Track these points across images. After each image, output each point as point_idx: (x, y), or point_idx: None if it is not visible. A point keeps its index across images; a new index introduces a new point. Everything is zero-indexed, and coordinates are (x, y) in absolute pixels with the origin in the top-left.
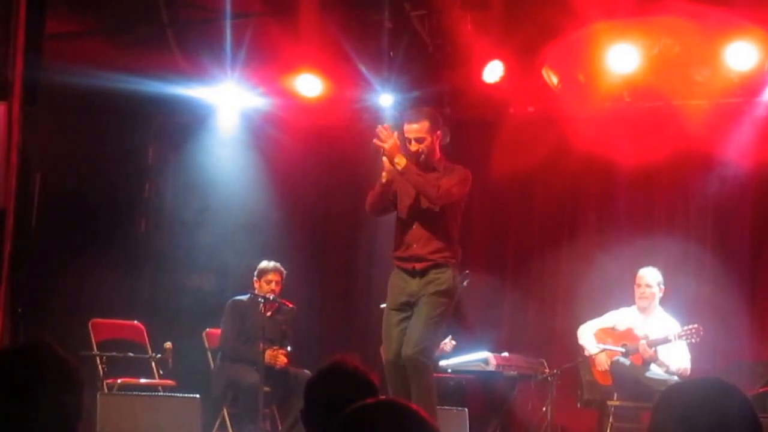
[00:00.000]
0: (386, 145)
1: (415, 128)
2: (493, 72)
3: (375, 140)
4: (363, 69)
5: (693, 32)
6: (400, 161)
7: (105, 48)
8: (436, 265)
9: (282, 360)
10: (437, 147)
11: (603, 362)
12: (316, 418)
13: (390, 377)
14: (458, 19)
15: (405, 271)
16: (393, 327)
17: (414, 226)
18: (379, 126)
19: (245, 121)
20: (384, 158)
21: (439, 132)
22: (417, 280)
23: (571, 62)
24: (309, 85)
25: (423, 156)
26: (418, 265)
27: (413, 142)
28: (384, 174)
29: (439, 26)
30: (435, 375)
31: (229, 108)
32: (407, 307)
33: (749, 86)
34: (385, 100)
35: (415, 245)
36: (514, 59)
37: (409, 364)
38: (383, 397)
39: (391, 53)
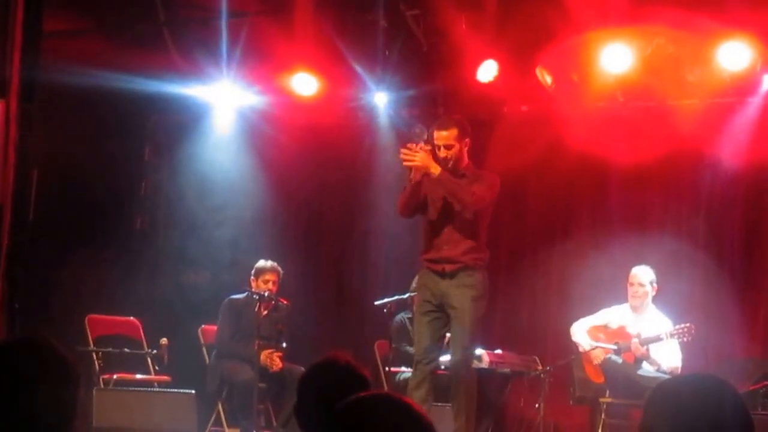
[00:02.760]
0: (417, 161)
1: (445, 135)
2: (487, 71)
3: (404, 162)
4: (358, 68)
5: (686, 33)
6: (435, 169)
7: (102, 46)
8: (467, 267)
9: (277, 363)
10: (465, 154)
11: (599, 356)
12: (309, 413)
13: (418, 374)
14: (453, 19)
15: (435, 272)
16: (423, 327)
17: (445, 230)
18: (405, 146)
19: (241, 119)
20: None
21: (467, 140)
22: (447, 281)
23: (565, 62)
24: (304, 83)
25: (451, 162)
26: (449, 267)
27: (442, 148)
28: (413, 174)
29: (433, 26)
30: None
31: (225, 106)
32: (437, 307)
33: (741, 86)
34: (380, 98)
35: (445, 248)
36: (508, 59)
37: (459, 366)
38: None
39: (386, 52)
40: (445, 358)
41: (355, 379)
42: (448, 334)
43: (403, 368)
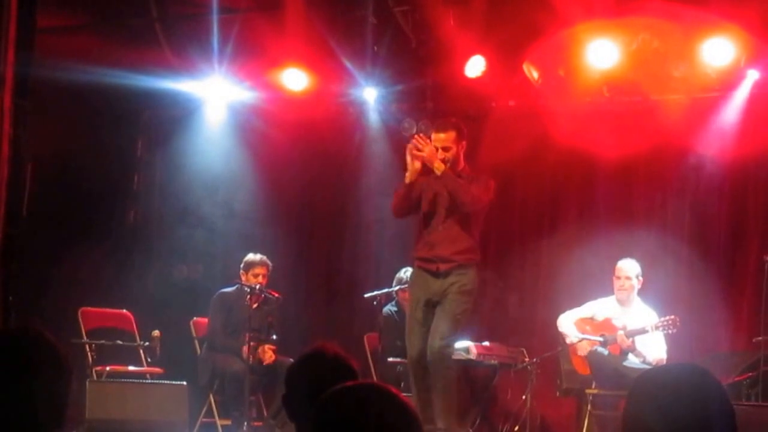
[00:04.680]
0: (425, 153)
1: (443, 137)
2: (475, 67)
3: (412, 150)
4: (347, 63)
5: (671, 28)
6: (439, 166)
7: (95, 42)
8: (460, 266)
9: (270, 356)
10: (461, 156)
11: (585, 348)
12: (297, 402)
13: (413, 373)
14: (441, 15)
15: (428, 271)
16: (416, 326)
17: (440, 229)
18: (416, 135)
19: (232, 114)
20: (408, 159)
21: (464, 142)
22: (440, 280)
23: (552, 58)
24: (295, 79)
25: (448, 164)
26: (443, 266)
27: (440, 150)
28: (407, 175)
29: (422, 22)
30: None
31: (216, 102)
32: (430, 307)
33: (725, 81)
34: (369, 93)
35: (439, 246)
36: (496, 54)
37: (435, 356)
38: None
39: (375, 48)
40: None
41: (342, 370)
42: None
43: (399, 359)
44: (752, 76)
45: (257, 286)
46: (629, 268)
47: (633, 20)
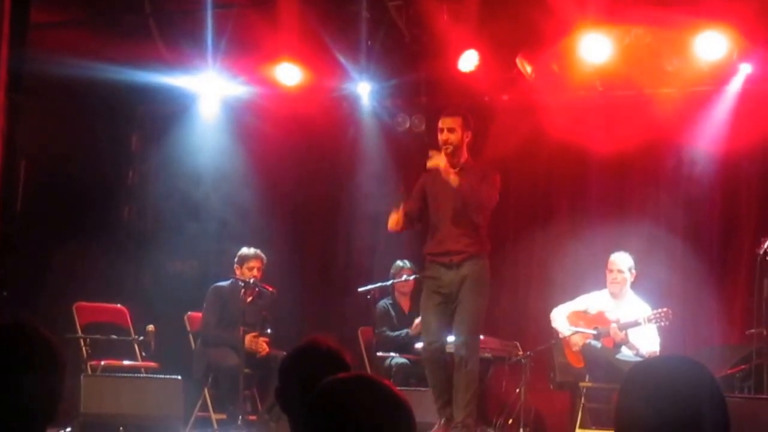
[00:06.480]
0: (441, 165)
1: (449, 120)
2: (468, 61)
3: (429, 163)
4: (341, 58)
5: (664, 23)
6: (454, 179)
7: (89, 38)
8: (472, 256)
9: (264, 348)
10: (465, 146)
11: (577, 342)
12: (290, 396)
13: (428, 363)
14: (434, 10)
15: (442, 264)
16: (430, 317)
17: (450, 225)
18: (431, 151)
19: (226, 109)
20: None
21: (469, 132)
22: (453, 271)
23: (545, 52)
24: (289, 74)
25: (451, 148)
26: (456, 258)
27: (445, 131)
28: (401, 205)
29: (415, 16)
30: (412, 357)
31: (210, 97)
32: (444, 298)
33: (718, 75)
34: (363, 88)
35: (448, 242)
36: (489, 49)
37: (463, 352)
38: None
39: (369, 43)
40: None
41: (335, 363)
42: None
43: (392, 354)
44: (745, 70)
45: (252, 280)
46: (622, 261)
47: (626, 15)
